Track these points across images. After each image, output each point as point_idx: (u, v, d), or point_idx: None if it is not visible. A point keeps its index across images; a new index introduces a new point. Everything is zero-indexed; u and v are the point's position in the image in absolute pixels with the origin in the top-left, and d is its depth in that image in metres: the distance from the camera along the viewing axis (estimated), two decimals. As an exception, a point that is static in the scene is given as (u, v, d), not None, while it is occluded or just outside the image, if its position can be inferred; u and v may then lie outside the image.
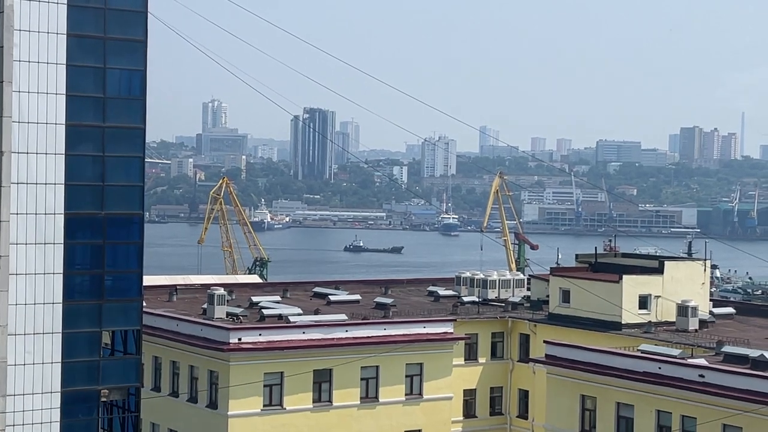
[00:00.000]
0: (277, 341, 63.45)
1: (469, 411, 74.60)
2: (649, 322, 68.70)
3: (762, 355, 55.59)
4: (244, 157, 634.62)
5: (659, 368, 55.65)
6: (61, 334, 52.29)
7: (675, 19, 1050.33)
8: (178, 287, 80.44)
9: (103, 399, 54.23)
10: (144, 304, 57.62)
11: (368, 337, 66.34)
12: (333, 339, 65.09)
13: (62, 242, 52.42)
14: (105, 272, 53.95)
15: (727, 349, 58.67)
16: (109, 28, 53.48)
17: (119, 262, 54.82)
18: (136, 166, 55.32)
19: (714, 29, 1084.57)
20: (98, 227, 53.67)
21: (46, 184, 52.10)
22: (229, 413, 62.24)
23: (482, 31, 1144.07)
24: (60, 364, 52.34)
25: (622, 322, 68.64)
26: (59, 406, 52.34)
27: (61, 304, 52.34)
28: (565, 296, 72.58)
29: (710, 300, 75.72)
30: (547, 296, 75.18)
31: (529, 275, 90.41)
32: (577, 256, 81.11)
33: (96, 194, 53.59)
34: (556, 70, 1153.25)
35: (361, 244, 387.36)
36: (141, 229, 55.29)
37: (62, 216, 52.41)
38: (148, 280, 64.83)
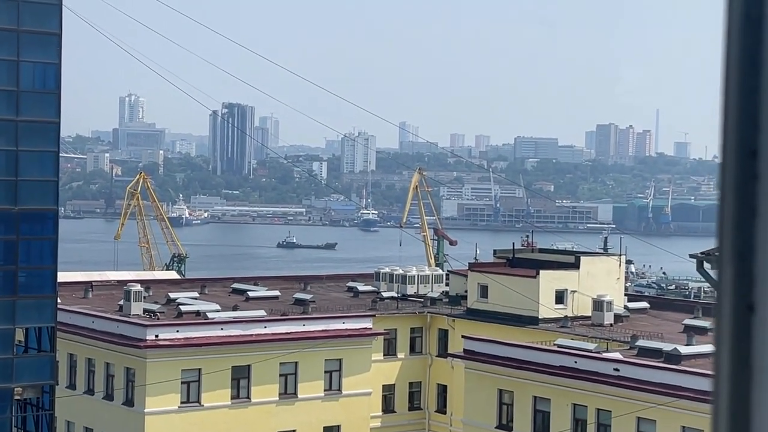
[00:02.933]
0: (194, 338, 63.01)
1: (388, 406, 74.82)
2: (566, 316, 69.50)
3: (675, 348, 56.55)
4: (161, 152, 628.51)
5: (575, 362, 56.33)
6: (-27, 332, 51.43)
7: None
8: (93, 283, 79.42)
9: (17, 397, 53.48)
10: (59, 300, 56.91)
11: (287, 333, 66.17)
12: (251, 335, 64.82)
13: (-26, 238, 51.54)
14: (18, 268, 53.23)
15: (642, 343, 59.59)
16: (22, 21, 52.71)
17: (33, 258, 54.13)
18: (50, 160, 54.65)
19: (626, 24, 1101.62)
20: (11, 223, 52.89)
21: (-43, 178, 51.20)
22: (145, 411, 61.65)
23: (399, 28, 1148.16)
24: (-28, 362, 51.46)
25: (539, 317, 69.35)
26: (-29, 405, 51.48)
27: (-27, 301, 51.46)
28: (483, 291, 73.11)
29: (625, 294, 76.85)
30: (466, 291, 75.67)
31: (448, 271, 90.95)
32: (495, 251, 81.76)
33: (9, 189, 52.80)
34: (474, 67, 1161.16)
35: (295, 240, 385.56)
36: (55, 224, 54.62)
37: (-26, 211, 51.53)
38: (63, 276, 64.01)
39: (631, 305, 75.01)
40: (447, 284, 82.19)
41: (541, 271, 70.75)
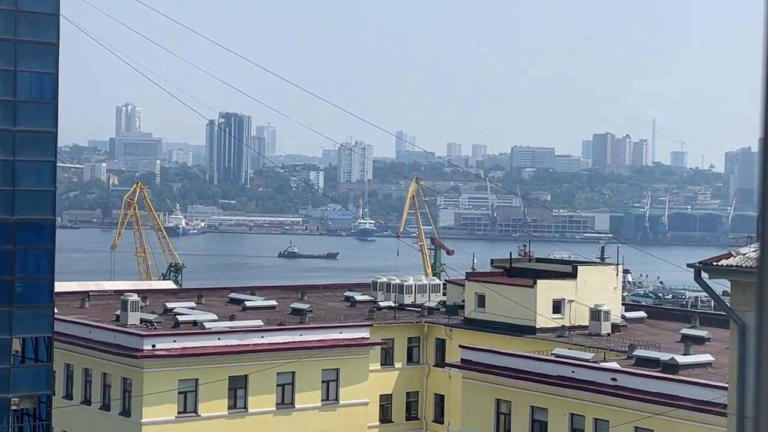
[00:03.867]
0: (191, 348, 62.93)
1: (385, 416, 74.73)
2: (563, 326, 69.47)
3: (672, 358, 56.51)
4: (158, 161, 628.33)
5: (572, 372, 56.26)
6: (-31, 342, 51.35)
7: (593, 28, 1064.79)
8: (90, 293, 79.34)
9: (14, 407, 53.36)
10: (56, 310, 56.80)
11: (284, 342, 66.11)
12: (248, 345, 64.75)
13: (-29, 248, 51.48)
14: (15, 278, 53.14)
15: (639, 352, 59.52)
16: (20, 31, 52.71)
17: (30, 268, 54.04)
18: (47, 170, 54.60)
19: (624, 36, 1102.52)
20: (8, 233, 52.83)
21: (-46, 188, 51.13)
22: (142, 421, 61.56)
23: (397, 36, 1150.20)
24: (-32, 373, 51.36)
25: (537, 327, 69.30)
26: (-32, 415, 51.38)
27: (-31, 311, 51.39)
28: (481, 301, 73.08)
29: (622, 304, 76.77)
30: (463, 301, 75.62)
31: (445, 280, 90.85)
32: (492, 261, 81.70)
33: (6, 199, 52.76)
34: (471, 76, 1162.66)
35: (296, 250, 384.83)
36: (52, 234, 54.55)
37: (-29, 221, 51.48)
38: (59, 286, 63.94)
39: (629, 315, 74.96)
40: (444, 294, 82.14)
41: (539, 281, 70.71)
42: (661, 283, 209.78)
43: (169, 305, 74.69)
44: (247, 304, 78.16)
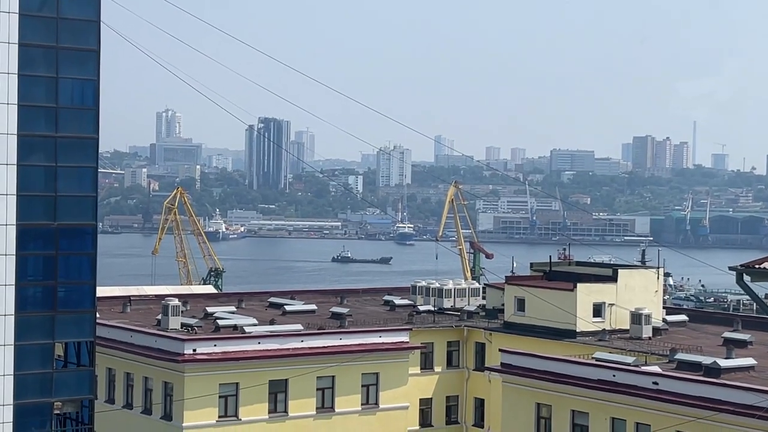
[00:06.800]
0: (232, 352, 63.17)
1: (425, 420, 74.64)
2: (604, 329, 69.10)
3: (715, 362, 56.04)
4: (198, 167, 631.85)
5: (613, 376, 55.96)
6: (13, 346, 51.89)
7: (646, 30, 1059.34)
8: (132, 298, 79.85)
9: (57, 411, 53.81)
10: (97, 315, 57.21)
11: (324, 347, 66.21)
12: (289, 349, 64.91)
13: (14, 253, 52.02)
14: (58, 283, 53.59)
15: (681, 356, 59.08)
16: (61, 38, 53.19)
17: (72, 273, 54.45)
18: (88, 176, 55.00)
19: (672, 38, 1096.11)
20: (51, 238, 53.31)
21: (-3, 194, 51.62)
22: (183, 425, 61.89)
23: (438, 41, 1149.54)
24: (12, 377, 51.90)
25: (577, 330, 69.00)
26: (11, 419, 51.90)
27: (13, 316, 51.92)
28: (520, 305, 72.85)
29: (663, 307, 76.27)
30: (503, 305, 75.40)
31: (485, 284, 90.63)
32: (531, 264, 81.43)
33: (48, 205, 53.23)
34: (509, 79, 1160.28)
35: (349, 255, 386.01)
36: (94, 239, 54.93)
37: (14, 227, 52.03)
38: (101, 291, 64.37)
39: (670, 318, 74.43)
40: (484, 297, 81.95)
41: (579, 284, 70.40)
42: (702, 286, 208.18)
43: (210, 309, 75.03)
44: (287, 308, 78.34)
